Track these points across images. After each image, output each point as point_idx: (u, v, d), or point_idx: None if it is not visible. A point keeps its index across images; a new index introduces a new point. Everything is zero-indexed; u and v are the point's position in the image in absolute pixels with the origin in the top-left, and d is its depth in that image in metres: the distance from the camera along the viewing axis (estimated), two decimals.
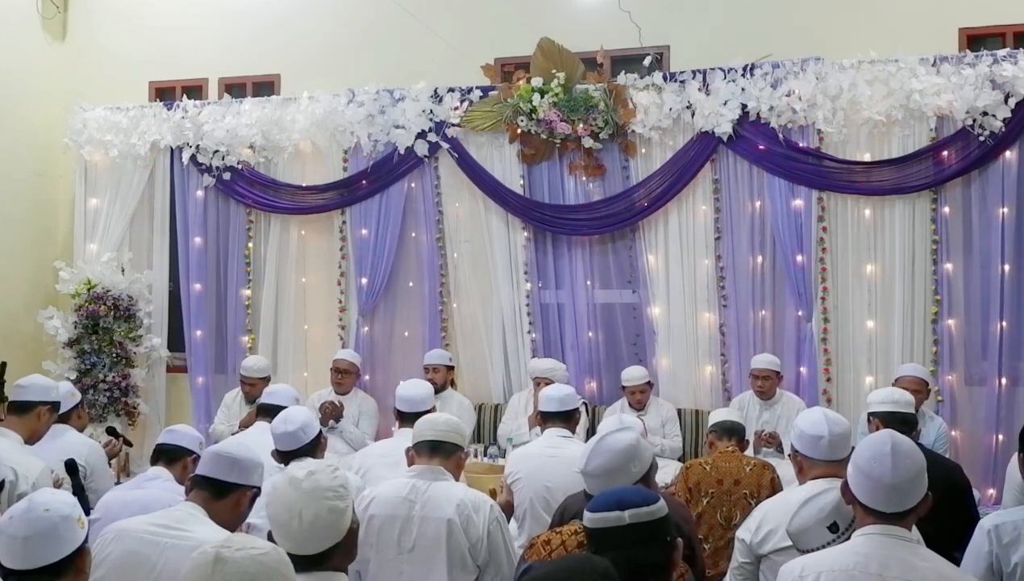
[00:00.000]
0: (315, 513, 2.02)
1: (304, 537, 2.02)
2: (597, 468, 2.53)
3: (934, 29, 5.66)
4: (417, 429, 3.11)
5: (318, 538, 2.03)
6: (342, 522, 2.06)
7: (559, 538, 2.50)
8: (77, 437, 4.02)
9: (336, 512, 2.05)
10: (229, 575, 1.71)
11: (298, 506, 2.03)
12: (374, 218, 6.40)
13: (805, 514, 2.51)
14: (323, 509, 2.03)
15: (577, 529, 2.50)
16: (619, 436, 2.58)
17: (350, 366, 5.92)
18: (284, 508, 2.04)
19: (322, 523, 2.02)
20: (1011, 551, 2.38)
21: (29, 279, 6.94)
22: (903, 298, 5.58)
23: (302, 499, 2.03)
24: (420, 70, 6.32)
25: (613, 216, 6.01)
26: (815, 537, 2.46)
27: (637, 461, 2.55)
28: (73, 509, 2.22)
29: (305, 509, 2.02)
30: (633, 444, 2.55)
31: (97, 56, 7.20)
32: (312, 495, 2.04)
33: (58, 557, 2.13)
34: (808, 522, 2.49)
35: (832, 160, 5.65)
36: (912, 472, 2.20)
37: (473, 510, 2.89)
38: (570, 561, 1.94)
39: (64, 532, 2.15)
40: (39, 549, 2.11)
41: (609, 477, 2.49)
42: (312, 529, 2.01)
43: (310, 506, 2.02)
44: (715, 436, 3.94)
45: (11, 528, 2.12)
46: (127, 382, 6.50)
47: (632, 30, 5.96)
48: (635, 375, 5.64)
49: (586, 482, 2.58)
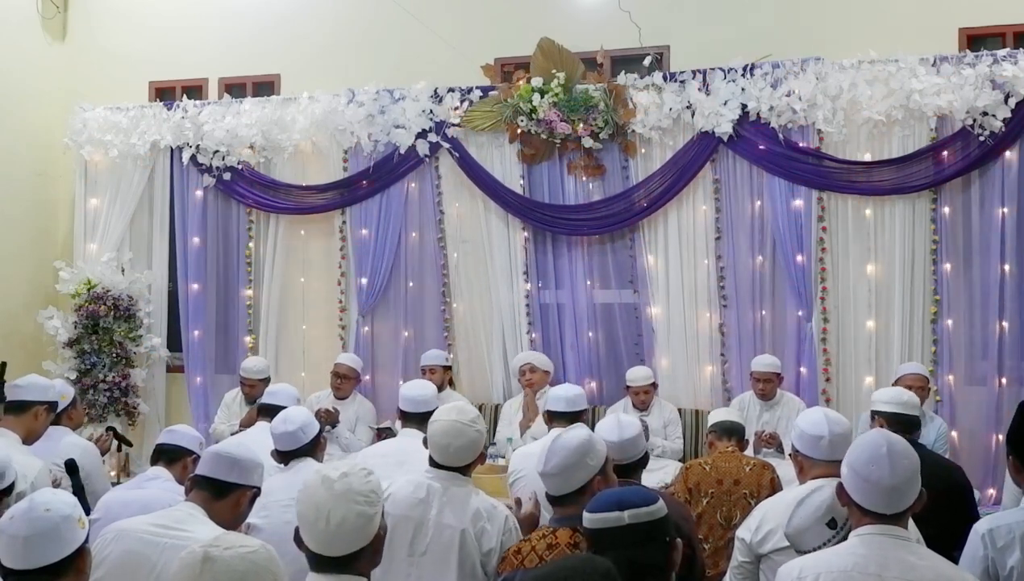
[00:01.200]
0: (343, 516, 1.99)
1: (330, 539, 2.00)
2: (556, 467, 2.56)
3: (934, 29, 5.66)
4: (434, 439, 2.95)
5: (344, 541, 2.00)
6: (369, 527, 2.03)
7: (528, 545, 2.52)
8: (72, 438, 4.01)
9: (364, 517, 2.02)
10: (218, 574, 1.70)
11: (327, 507, 2.00)
12: (374, 218, 6.40)
13: (802, 514, 2.52)
14: (351, 513, 2.00)
15: (544, 532, 2.54)
16: (571, 435, 2.64)
17: (350, 370, 5.90)
18: (313, 507, 2.02)
19: (349, 526, 2.00)
20: (1006, 555, 2.38)
21: (29, 279, 6.95)
22: (903, 298, 5.58)
23: (332, 500, 2.01)
24: (420, 70, 6.32)
25: (613, 216, 6.01)
26: (814, 536, 2.47)
27: (592, 455, 2.60)
28: (74, 509, 2.22)
29: (334, 511, 1.99)
30: (586, 440, 2.61)
31: (97, 56, 7.21)
32: (342, 497, 2.01)
33: (59, 557, 2.13)
34: (806, 522, 2.49)
35: (832, 160, 5.65)
36: (910, 472, 2.21)
37: (488, 520, 2.84)
38: (572, 561, 1.95)
39: (65, 532, 2.15)
40: (40, 549, 2.11)
41: (568, 473, 2.55)
42: (339, 531, 1.99)
43: (339, 508, 2.00)
44: (715, 436, 3.94)
45: (12, 528, 2.12)
46: (127, 382, 6.50)
47: (632, 30, 5.96)
48: (640, 375, 5.64)
49: (547, 483, 2.60)
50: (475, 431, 2.93)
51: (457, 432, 2.90)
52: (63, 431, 4.04)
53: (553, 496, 2.59)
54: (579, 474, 2.55)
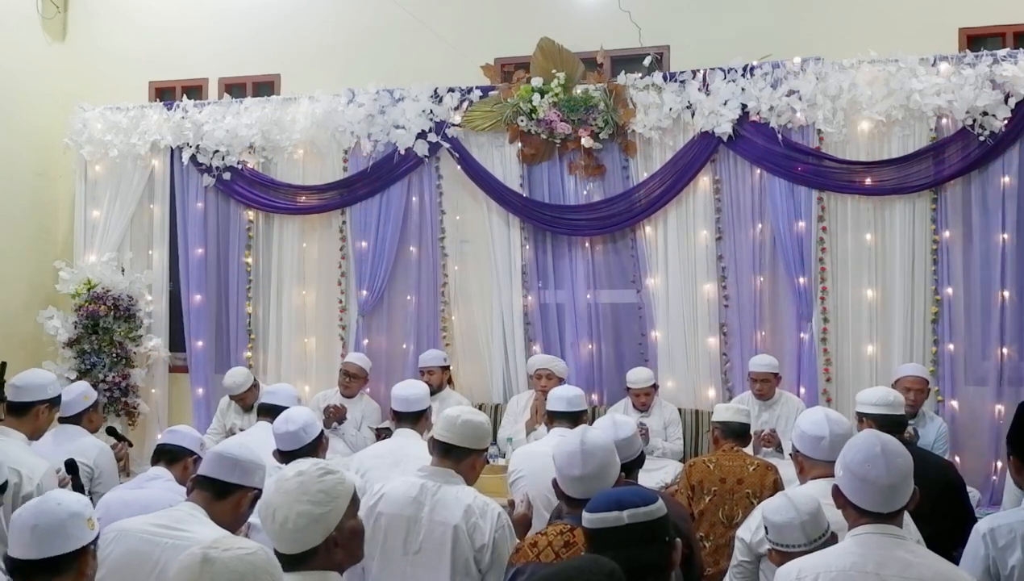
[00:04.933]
0: (286, 515, 1.99)
1: (277, 536, 2.01)
2: (596, 467, 2.56)
3: (934, 29, 5.67)
4: (436, 426, 3.08)
5: (291, 540, 2.00)
6: (315, 528, 2.00)
7: (545, 540, 2.51)
8: (90, 439, 4.04)
9: (306, 517, 1.99)
10: (217, 575, 1.70)
11: (274, 505, 2.02)
12: (374, 219, 6.40)
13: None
14: (293, 512, 1.99)
15: (563, 529, 2.51)
16: (595, 435, 2.67)
17: (359, 370, 5.89)
18: (264, 505, 2.06)
19: (292, 525, 1.99)
20: (1007, 554, 2.38)
21: (29, 279, 6.95)
22: (903, 298, 5.58)
23: (279, 499, 2.02)
24: (420, 70, 6.32)
25: (613, 216, 6.02)
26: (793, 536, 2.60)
27: (616, 452, 2.69)
28: (85, 508, 2.27)
29: (279, 509, 2.00)
30: (610, 439, 2.72)
31: (97, 56, 7.21)
32: (289, 496, 2.01)
33: (62, 551, 2.17)
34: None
35: (832, 160, 5.65)
36: (905, 470, 2.24)
37: (480, 516, 2.86)
38: (578, 561, 1.95)
39: (71, 528, 2.21)
40: (44, 540, 2.18)
41: (604, 472, 2.58)
42: (283, 530, 2.00)
43: (283, 507, 2.00)
44: (720, 433, 3.93)
45: (22, 517, 2.24)
46: (127, 382, 6.51)
47: (632, 30, 5.96)
48: (641, 377, 5.63)
49: (583, 486, 2.54)
50: (483, 416, 3.09)
51: (470, 411, 3.09)
52: (81, 432, 4.06)
53: (581, 499, 2.51)
54: (612, 471, 2.61)
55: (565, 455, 2.60)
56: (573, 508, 2.57)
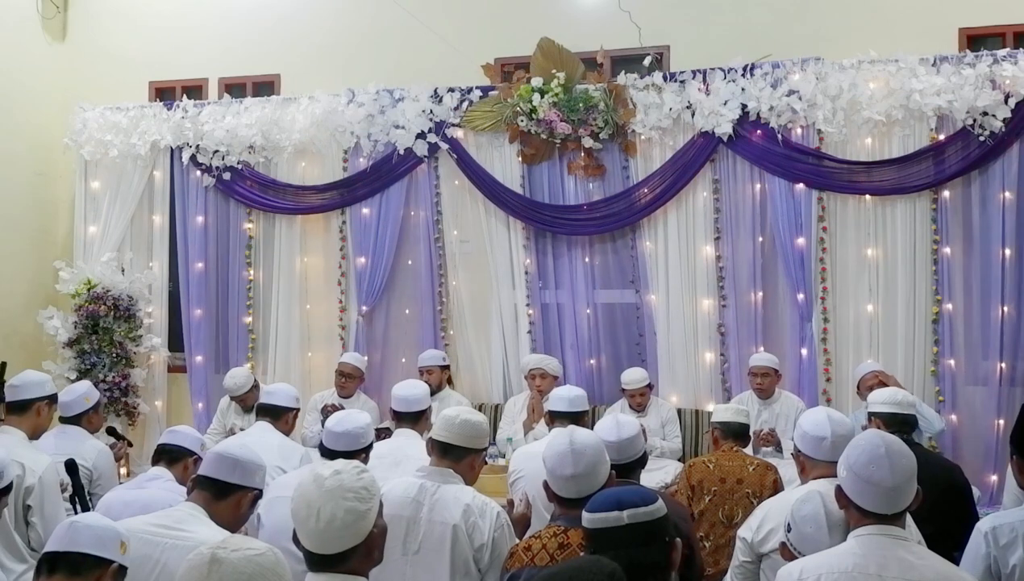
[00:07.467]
0: (332, 512, 1.98)
1: (320, 536, 1.99)
2: (587, 466, 2.55)
3: (934, 29, 5.67)
4: (434, 426, 3.08)
5: (335, 538, 1.99)
6: (361, 524, 2.02)
7: (539, 543, 2.50)
8: (92, 441, 4.05)
9: (354, 514, 2.00)
10: (225, 576, 1.70)
11: (317, 504, 1.99)
12: (373, 219, 6.39)
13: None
14: (340, 509, 1.99)
15: (556, 531, 2.51)
16: (583, 434, 2.66)
17: (354, 370, 5.90)
18: (304, 505, 2.02)
19: (339, 523, 1.98)
20: (1009, 553, 2.39)
21: (29, 279, 6.95)
22: (904, 298, 5.59)
23: (322, 497, 2.00)
24: (420, 70, 6.32)
25: (613, 216, 6.02)
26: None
27: (606, 451, 2.67)
28: (122, 534, 2.29)
29: (323, 508, 1.98)
30: (598, 438, 2.70)
31: (97, 56, 7.21)
32: (332, 494, 2.00)
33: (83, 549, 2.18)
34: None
35: (832, 160, 5.65)
36: (909, 471, 2.23)
37: (479, 516, 2.86)
38: (578, 562, 1.95)
39: (104, 537, 2.24)
40: (77, 534, 2.21)
41: (595, 470, 2.56)
42: (328, 529, 1.98)
43: (328, 505, 1.99)
44: (720, 434, 3.93)
45: (74, 518, 2.31)
46: (127, 382, 6.50)
47: (632, 30, 5.96)
48: (635, 378, 5.62)
49: (575, 485, 2.54)
50: (481, 416, 3.10)
51: (469, 411, 3.10)
52: (83, 433, 4.07)
53: (573, 499, 2.53)
54: (603, 470, 2.59)
55: (555, 456, 2.59)
56: (566, 509, 2.58)
